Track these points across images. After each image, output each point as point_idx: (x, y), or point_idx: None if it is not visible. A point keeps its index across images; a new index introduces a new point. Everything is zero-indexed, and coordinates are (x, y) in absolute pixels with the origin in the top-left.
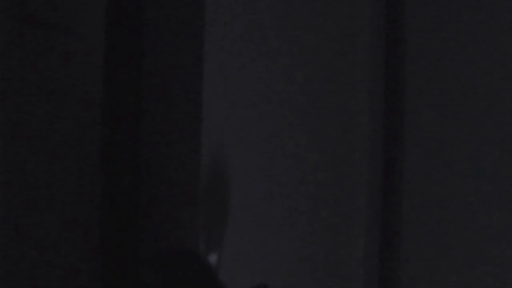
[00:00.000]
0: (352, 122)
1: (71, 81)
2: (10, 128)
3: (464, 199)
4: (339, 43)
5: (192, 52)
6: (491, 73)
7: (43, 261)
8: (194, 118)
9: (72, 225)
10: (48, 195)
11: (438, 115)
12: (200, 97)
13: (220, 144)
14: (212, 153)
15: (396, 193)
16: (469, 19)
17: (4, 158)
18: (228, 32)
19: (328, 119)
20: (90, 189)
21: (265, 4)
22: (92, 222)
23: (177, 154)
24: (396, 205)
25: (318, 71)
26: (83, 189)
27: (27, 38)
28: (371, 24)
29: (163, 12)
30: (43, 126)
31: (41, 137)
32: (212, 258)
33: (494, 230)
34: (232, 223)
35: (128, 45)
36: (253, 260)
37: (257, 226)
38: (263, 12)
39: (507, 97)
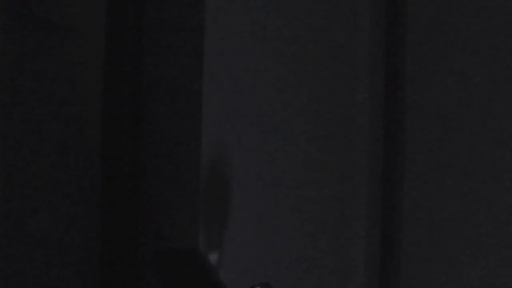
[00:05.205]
0: (352, 122)
1: (71, 81)
2: (10, 128)
3: (464, 199)
4: (339, 43)
5: (192, 52)
6: (492, 73)
7: (43, 261)
8: (194, 118)
9: (72, 225)
10: (48, 195)
11: (438, 115)
12: (200, 97)
13: (220, 144)
14: (212, 153)
15: (396, 193)
16: (469, 19)
17: (4, 158)
18: (228, 32)
19: (328, 119)
20: (90, 189)
21: (265, 4)
22: (92, 222)
23: (177, 154)
24: (396, 205)
25: (318, 71)
26: (83, 189)
27: (27, 38)
28: (371, 24)
29: (163, 12)
30: (43, 126)
31: (41, 137)
32: (212, 258)
33: (494, 230)
34: (232, 223)
35: (128, 45)
36: (253, 260)
37: (257, 226)
38: (263, 12)
39: (507, 97)
